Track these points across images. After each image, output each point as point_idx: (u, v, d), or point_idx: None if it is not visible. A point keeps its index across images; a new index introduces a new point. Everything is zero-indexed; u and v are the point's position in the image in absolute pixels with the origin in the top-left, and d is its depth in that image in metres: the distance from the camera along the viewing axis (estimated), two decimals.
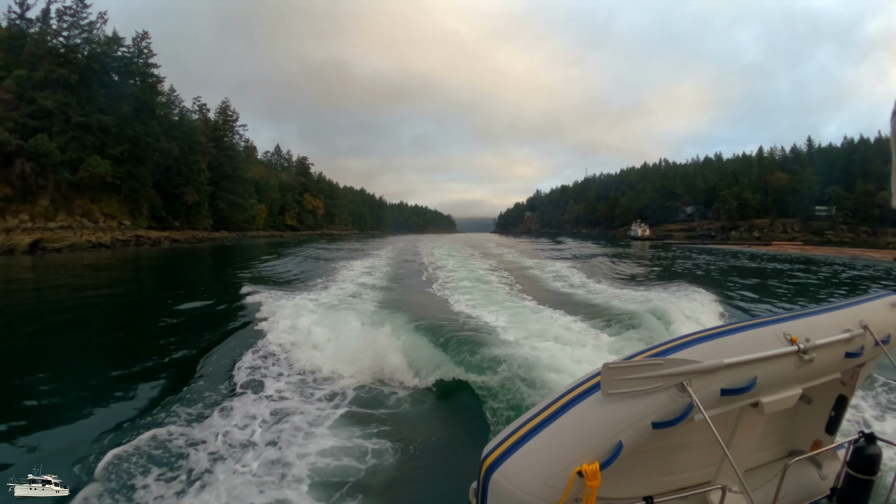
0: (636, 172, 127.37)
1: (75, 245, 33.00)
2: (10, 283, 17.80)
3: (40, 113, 35.08)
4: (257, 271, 19.52)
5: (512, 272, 17.48)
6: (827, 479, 2.29)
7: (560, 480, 1.42)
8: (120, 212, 40.49)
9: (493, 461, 1.50)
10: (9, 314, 11.29)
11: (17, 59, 38.55)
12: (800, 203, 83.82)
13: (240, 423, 4.47)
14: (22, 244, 30.32)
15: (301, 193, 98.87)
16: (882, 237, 74.29)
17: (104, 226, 37.74)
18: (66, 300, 12.99)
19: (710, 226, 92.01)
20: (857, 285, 18.08)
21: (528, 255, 27.30)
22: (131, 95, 41.17)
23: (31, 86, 35.80)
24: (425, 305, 10.39)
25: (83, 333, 9.22)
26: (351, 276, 16.43)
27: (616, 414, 1.48)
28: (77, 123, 36.32)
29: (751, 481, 2.03)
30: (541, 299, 11.15)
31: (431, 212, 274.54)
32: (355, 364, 6.07)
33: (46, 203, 35.40)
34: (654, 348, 1.72)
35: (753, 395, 1.71)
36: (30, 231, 32.70)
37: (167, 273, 23.73)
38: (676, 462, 2.02)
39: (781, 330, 1.82)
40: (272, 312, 8.99)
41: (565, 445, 1.47)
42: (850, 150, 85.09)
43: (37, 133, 34.31)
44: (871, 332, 2.01)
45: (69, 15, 39.77)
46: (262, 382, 5.56)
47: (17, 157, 33.24)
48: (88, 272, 21.55)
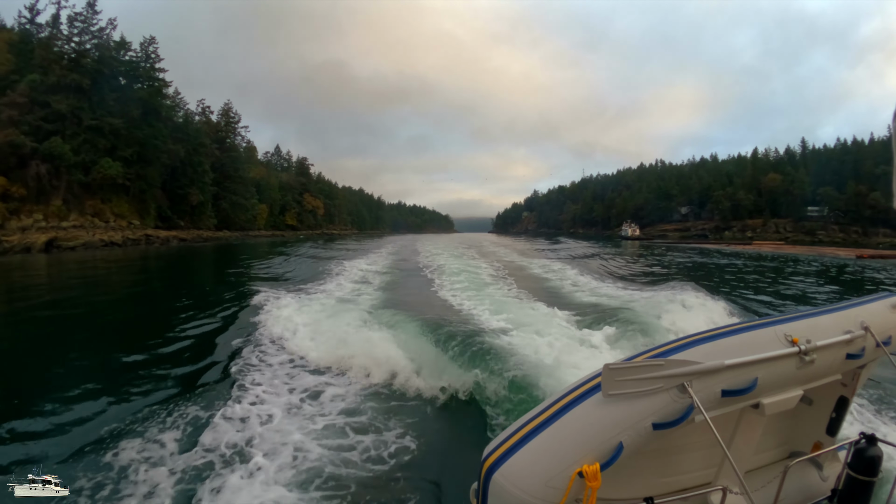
0: (633, 173, 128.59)
1: (88, 244, 34.37)
2: (29, 278, 18.92)
3: (53, 116, 36.36)
4: (261, 269, 20.16)
5: (511, 271, 17.49)
6: (828, 481, 2.28)
7: (560, 481, 1.42)
8: (129, 212, 41.84)
9: (493, 462, 1.51)
10: (18, 312, 11.54)
11: (28, 62, 39.88)
12: (792, 204, 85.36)
13: (239, 423, 4.49)
14: (38, 242, 31.61)
15: (301, 194, 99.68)
16: (873, 237, 75.44)
17: (115, 225, 39.12)
18: (75, 298, 13.43)
19: (705, 226, 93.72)
20: (803, 278, 20.66)
21: (525, 255, 28.09)
22: (139, 99, 42.50)
23: (44, 90, 37.01)
24: (425, 304, 10.41)
25: (89, 332, 9.38)
26: (352, 274, 16.61)
27: (617, 415, 1.49)
28: (89, 126, 37.66)
29: (751, 482, 2.06)
30: (540, 298, 11.20)
31: (429, 212, 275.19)
32: (355, 364, 6.10)
33: (59, 203, 36.68)
34: (655, 349, 1.74)
35: (754, 396, 1.72)
36: (44, 230, 33.97)
37: (179, 270, 25.01)
38: (677, 463, 2.01)
39: (782, 331, 1.83)
40: (272, 311, 9.11)
41: (566, 446, 1.48)
42: (842, 152, 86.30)
43: (50, 136, 35.59)
44: (872, 334, 2.02)
45: (80, 21, 41.00)
46: (261, 382, 5.57)
47: (32, 160, 34.57)
48: (101, 271, 22.72)
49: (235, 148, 71.20)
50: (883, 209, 76.39)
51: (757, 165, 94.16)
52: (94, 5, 42.23)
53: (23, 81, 36.67)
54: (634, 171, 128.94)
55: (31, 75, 37.18)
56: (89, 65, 38.83)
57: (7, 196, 34.55)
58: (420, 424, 4.68)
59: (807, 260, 32.37)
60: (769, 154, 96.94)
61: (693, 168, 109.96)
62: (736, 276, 21.42)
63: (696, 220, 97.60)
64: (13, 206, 34.88)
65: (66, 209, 36.84)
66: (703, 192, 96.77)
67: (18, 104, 34.87)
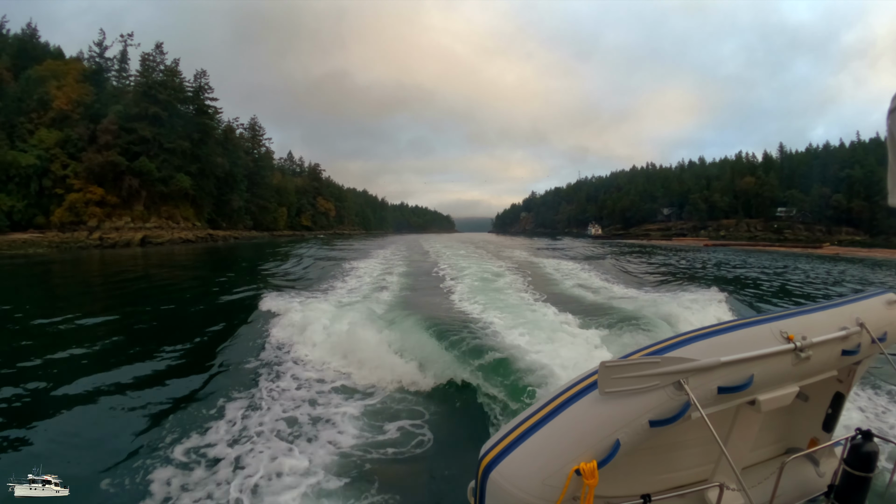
0: (625, 175, 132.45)
1: (171, 241, 44.06)
2: (150, 267, 24.20)
3: (139, 140, 46.01)
4: (285, 265, 21.70)
5: (510, 268, 17.71)
6: (824, 477, 2.29)
7: (558, 479, 1.42)
8: (192, 215, 51.98)
9: (490, 460, 1.51)
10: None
11: (101, 91, 49.28)
12: (762, 205, 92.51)
13: (238, 422, 4.51)
14: (135, 239, 41.46)
15: (314, 197, 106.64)
16: (836, 235, 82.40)
17: (184, 226, 49.03)
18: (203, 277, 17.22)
19: (683, 226, 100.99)
20: (664, 258, 30.73)
21: (522, 249, 31.23)
22: (198, 124, 52.25)
23: (128, 118, 46.60)
24: (425, 303, 10.48)
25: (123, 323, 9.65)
26: (354, 273, 17.02)
27: (613, 412, 1.49)
28: (166, 148, 47.32)
29: (748, 479, 2.08)
30: (538, 295, 11.33)
31: (431, 212, 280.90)
32: (354, 362, 6.13)
33: (141, 208, 46.41)
34: (651, 346, 1.73)
35: (750, 392, 1.72)
36: (135, 230, 43.74)
37: (248, 259, 29.20)
38: (674, 460, 2.01)
39: (778, 328, 1.83)
40: (281, 309, 9.19)
41: (563, 444, 1.47)
42: (812, 157, 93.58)
43: (137, 156, 45.36)
44: (867, 330, 2.03)
45: (151, 60, 50.68)
46: (259, 381, 5.62)
47: (126, 175, 44.22)
48: (188, 261, 28.03)
49: (263, 157, 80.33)
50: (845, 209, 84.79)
51: (736, 169, 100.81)
52: (161, 46, 52.06)
53: (111, 111, 46.18)
54: (627, 174, 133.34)
55: (117, 106, 46.73)
56: (161, 97, 48.40)
57: (104, 203, 44.22)
58: (417, 423, 4.65)
59: (672, 248, 46.72)
60: (749, 159, 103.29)
61: (676, 172, 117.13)
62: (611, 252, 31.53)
63: (677, 221, 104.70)
64: (108, 211, 44.58)
65: (147, 213, 46.54)
66: (683, 195, 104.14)
67: (111, 130, 44.40)
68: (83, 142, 44.13)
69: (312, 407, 4.99)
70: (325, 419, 4.69)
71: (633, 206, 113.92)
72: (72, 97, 45.38)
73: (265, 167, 78.87)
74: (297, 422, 4.61)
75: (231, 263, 26.65)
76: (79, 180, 42.92)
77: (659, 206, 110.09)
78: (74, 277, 20.84)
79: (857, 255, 43.85)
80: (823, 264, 31.37)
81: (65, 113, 44.57)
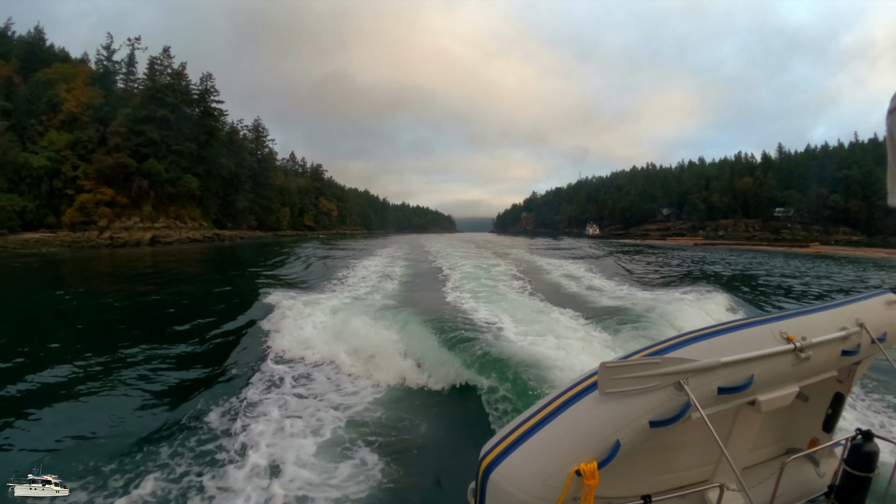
0: (625, 175, 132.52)
1: (179, 240, 45.15)
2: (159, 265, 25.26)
3: (148, 142, 47.10)
4: (287, 265, 21.93)
5: (510, 268, 17.85)
6: (824, 477, 2.30)
7: (558, 480, 1.42)
8: (199, 215, 53.08)
9: (490, 461, 1.51)
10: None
11: (109, 94, 50.35)
12: (760, 205, 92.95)
13: (238, 421, 4.54)
14: (145, 238, 42.55)
15: (317, 197, 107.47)
16: (833, 234, 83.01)
17: (191, 226, 50.19)
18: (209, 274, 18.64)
19: (682, 226, 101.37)
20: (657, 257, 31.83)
21: (520, 249, 32.07)
22: (204, 126, 53.34)
23: (136, 121, 47.66)
24: (426, 303, 10.46)
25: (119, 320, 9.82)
26: (357, 272, 17.13)
27: (613, 413, 1.49)
28: (174, 150, 48.45)
29: (748, 479, 2.09)
30: (538, 295, 11.30)
31: (432, 212, 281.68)
32: (355, 361, 6.17)
33: (150, 209, 47.48)
34: (652, 347, 1.73)
35: (750, 393, 1.73)
36: (144, 229, 44.83)
37: (254, 257, 30.29)
38: (674, 460, 2.01)
39: (778, 328, 1.83)
40: (284, 306, 9.18)
41: (563, 444, 1.47)
42: (810, 157, 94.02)
43: (146, 157, 46.47)
44: (867, 330, 2.03)
45: (159, 64, 51.75)
46: (259, 380, 5.64)
47: (135, 176, 45.29)
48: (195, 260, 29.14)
49: (266, 158, 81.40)
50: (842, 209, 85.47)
51: (734, 169, 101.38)
52: (169, 50, 53.17)
53: (120, 114, 47.22)
54: (627, 174, 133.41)
55: (125, 109, 47.77)
56: (168, 100, 49.47)
57: (114, 203, 45.30)
58: (418, 423, 4.66)
59: (664, 247, 47.70)
60: (748, 159, 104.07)
61: (677, 172, 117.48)
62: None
63: (677, 221, 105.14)
64: (117, 211, 45.66)
65: (155, 213, 47.63)
66: (682, 195, 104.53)
67: (121, 133, 45.45)
68: (93, 144, 45.24)
69: (312, 405, 5.02)
70: (325, 418, 4.72)
71: (633, 207, 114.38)
72: (81, 100, 46.46)
73: (268, 168, 79.93)
74: (296, 420, 4.63)
75: (238, 262, 27.72)
76: (89, 181, 43.98)
77: (658, 206, 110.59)
78: (93, 270, 21.99)
79: (838, 254, 45.49)
80: (806, 262, 32.29)
81: (74, 115, 45.66)
